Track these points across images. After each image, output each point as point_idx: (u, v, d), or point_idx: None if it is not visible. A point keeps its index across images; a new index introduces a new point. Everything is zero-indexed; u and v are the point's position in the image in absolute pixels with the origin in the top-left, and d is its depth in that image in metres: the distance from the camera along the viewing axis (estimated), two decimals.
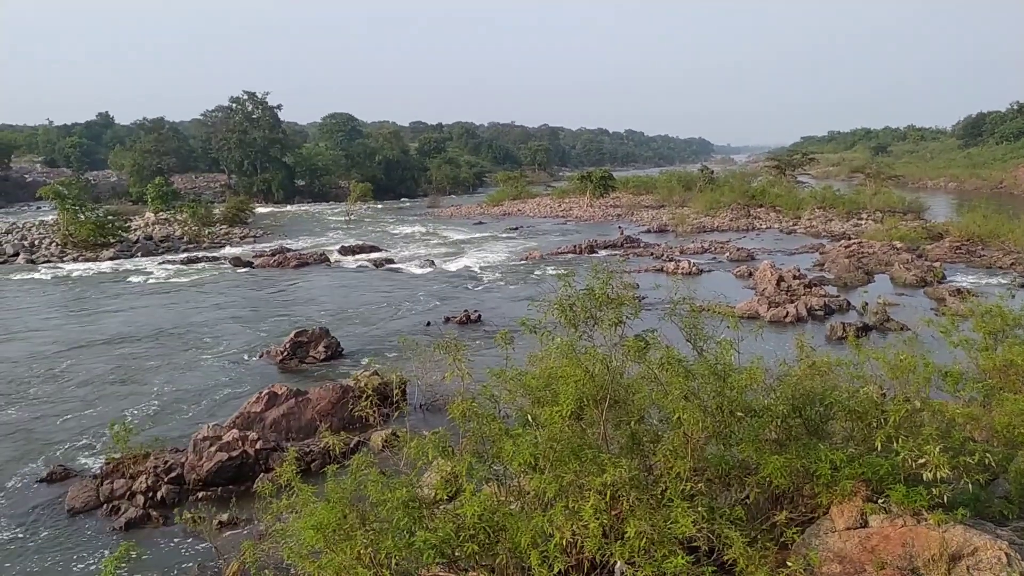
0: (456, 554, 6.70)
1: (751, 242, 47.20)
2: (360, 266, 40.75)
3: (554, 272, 36.47)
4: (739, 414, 7.26)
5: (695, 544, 6.31)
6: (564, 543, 6.31)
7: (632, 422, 7.81)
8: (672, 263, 37.05)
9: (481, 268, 39.57)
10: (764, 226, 55.83)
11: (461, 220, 67.04)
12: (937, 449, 6.51)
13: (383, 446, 13.74)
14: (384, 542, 6.43)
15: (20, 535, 12.40)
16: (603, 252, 43.29)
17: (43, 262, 42.14)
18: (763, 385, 8.15)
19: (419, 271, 39.09)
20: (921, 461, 6.59)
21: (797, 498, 7.43)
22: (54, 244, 46.53)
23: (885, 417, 7.35)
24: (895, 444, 6.85)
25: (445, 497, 7.30)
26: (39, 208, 68.90)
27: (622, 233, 49.73)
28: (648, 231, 54.44)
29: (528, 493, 7.39)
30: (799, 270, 32.08)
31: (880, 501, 6.88)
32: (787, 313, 25.82)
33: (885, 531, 6.69)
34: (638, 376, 8.14)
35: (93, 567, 11.24)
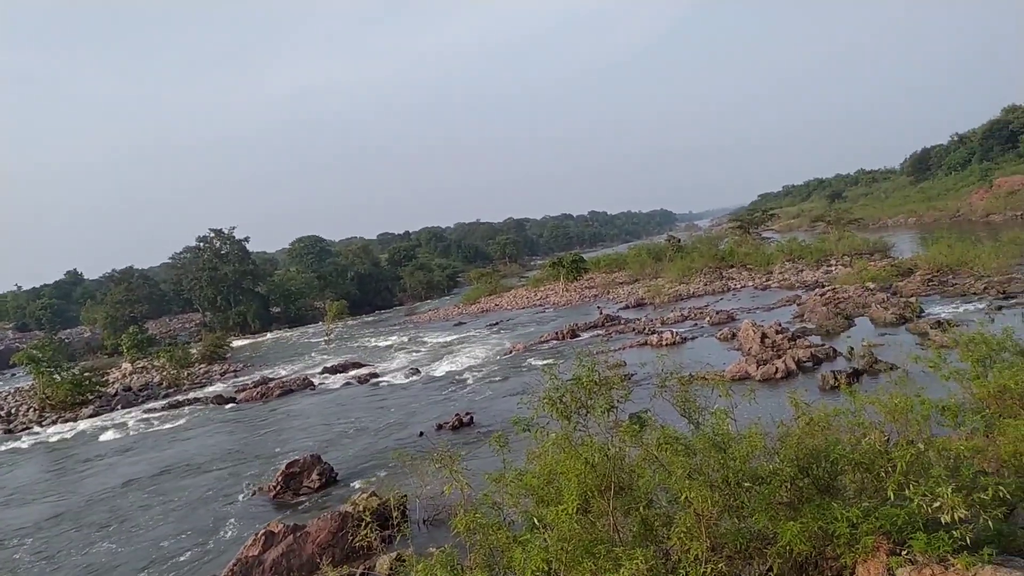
0: None
1: (729, 303, 47.62)
2: (345, 384, 40.28)
3: (540, 363, 36.35)
4: (746, 484, 7.12)
5: None
6: None
7: (640, 507, 7.62)
8: (655, 335, 37.12)
9: (466, 369, 39.29)
10: (739, 285, 56.51)
11: (440, 323, 67.08)
12: (950, 489, 6.40)
13: (389, 573, 13.18)
14: None
15: None
16: (585, 334, 43.33)
17: (21, 429, 41.09)
18: (765, 449, 8.03)
19: (405, 381, 38.70)
20: (936, 505, 6.47)
21: (821, 563, 7.20)
22: (32, 410, 45.58)
23: (893, 464, 7.24)
24: (907, 491, 6.72)
25: None
26: (13, 375, 67.82)
27: (601, 312, 49.97)
28: (626, 307, 54.79)
29: None
30: (780, 324, 32.26)
31: (904, 553, 6.69)
32: (776, 369, 25.78)
33: None
34: (639, 459, 8.00)
35: None
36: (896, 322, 31.63)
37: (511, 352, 42.05)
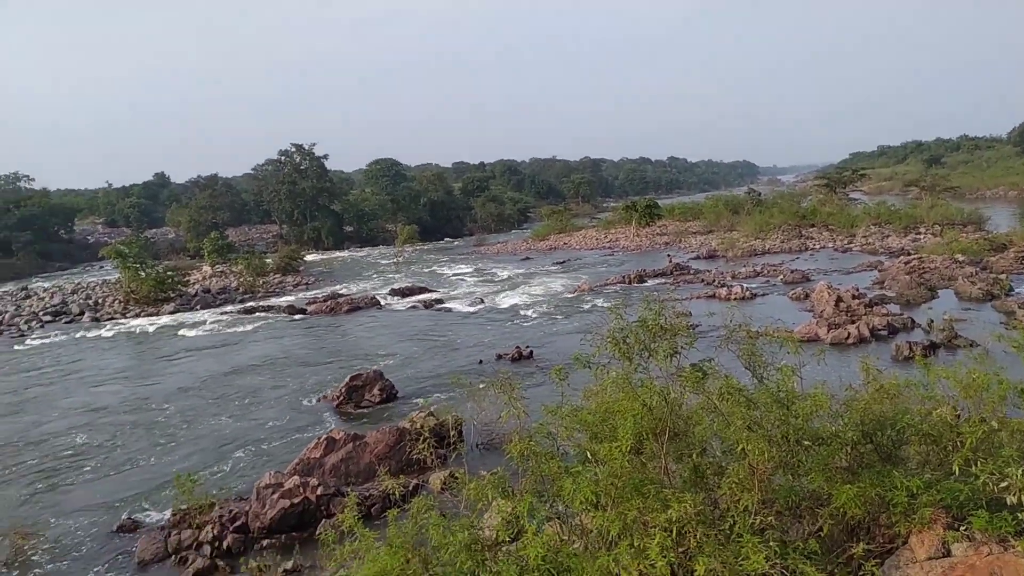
0: None
1: (805, 263, 46.21)
2: (411, 307, 41.17)
3: (604, 304, 36.28)
4: (806, 443, 7.03)
5: None
6: None
7: (694, 455, 7.63)
8: (724, 289, 36.46)
9: (530, 303, 39.58)
10: (817, 246, 54.65)
11: (508, 257, 67.39)
12: (1020, 472, 6.19)
13: (442, 488, 13.70)
14: None
15: None
16: (652, 281, 42.90)
17: (107, 319, 43.68)
18: (829, 411, 7.88)
19: (469, 309, 39.29)
20: (1003, 485, 6.27)
21: (873, 529, 7.12)
22: (117, 301, 48.24)
23: (961, 439, 7.03)
24: (974, 468, 6.53)
25: (507, 539, 7.20)
26: (102, 268, 71.63)
27: (671, 261, 49.25)
28: (697, 257, 53.81)
29: (591, 532, 7.25)
30: (858, 289, 31.20)
31: (962, 529, 6.55)
32: (848, 334, 25.08)
33: (970, 560, 6.35)
34: (697, 407, 7.97)
35: None
36: (982, 298, 30.18)
37: (575, 292, 42.06)
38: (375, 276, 58.64)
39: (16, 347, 36.31)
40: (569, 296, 41.11)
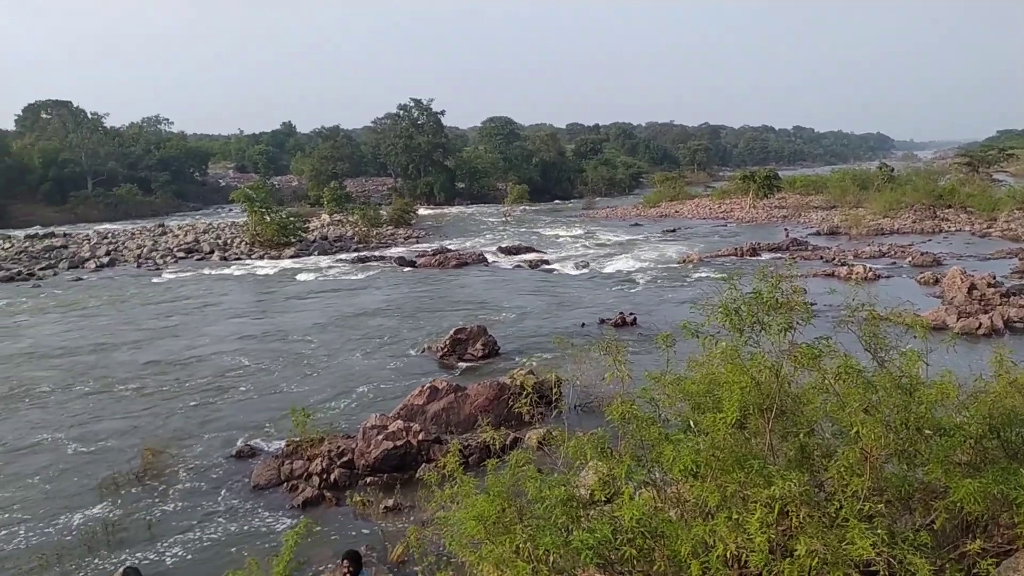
0: (613, 557, 6.64)
1: (937, 246, 43.19)
2: (516, 266, 41.55)
3: (714, 275, 35.33)
4: (927, 432, 6.66)
5: (872, 569, 5.86)
6: (727, 556, 6.08)
7: (801, 434, 7.39)
8: (845, 267, 34.70)
9: (637, 270, 39.09)
10: (952, 229, 50.90)
11: (617, 222, 66.59)
12: None
13: (539, 445, 13.92)
14: (543, 539, 6.48)
15: (213, 505, 13.75)
16: (767, 255, 41.31)
17: (234, 259, 46.54)
18: (954, 402, 7.41)
19: (574, 272, 39.25)
20: None
21: (992, 527, 6.72)
22: (243, 243, 51.29)
23: None
24: None
25: (603, 499, 7.26)
26: (231, 210, 75.95)
27: (788, 235, 47.25)
28: (817, 233, 51.32)
29: (687, 501, 7.20)
30: (995, 277, 28.92)
31: None
32: (980, 324, 23.38)
33: None
34: (809, 386, 7.68)
35: (274, 538, 12.23)
36: None
37: (684, 261, 41.15)
38: (483, 233, 59.41)
39: (154, 280, 39.36)
40: (677, 265, 40.28)
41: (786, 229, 51.63)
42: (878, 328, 7.57)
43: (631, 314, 27.07)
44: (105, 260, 44.65)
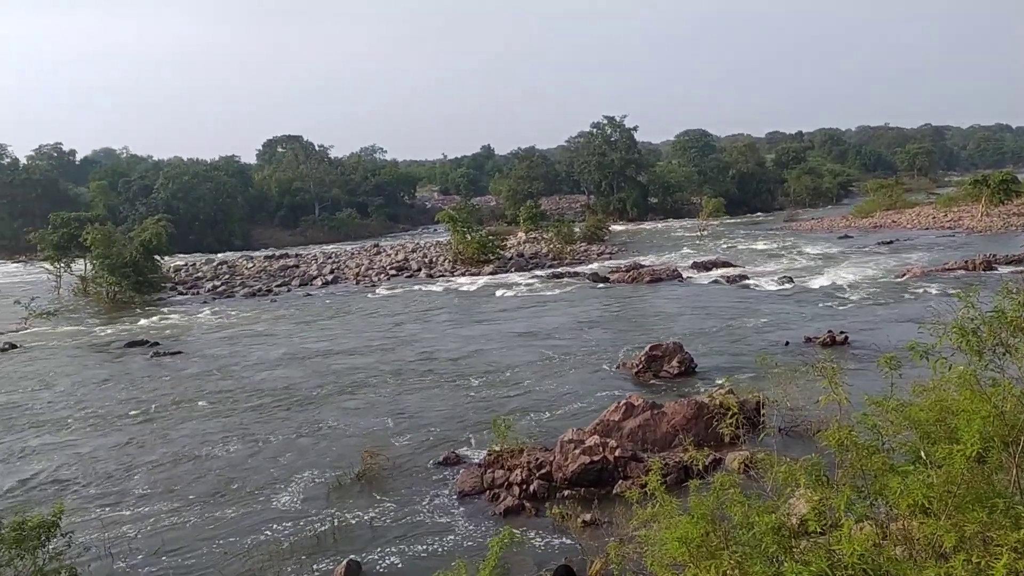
0: None
1: None
2: (713, 282, 40.25)
3: (938, 292, 31.94)
4: None
5: None
6: None
7: None
8: None
9: (846, 286, 36.33)
10: None
11: (823, 234, 62.37)
12: None
13: (742, 468, 13.36)
14: (752, 567, 6.25)
15: (421, 508, 14.65)
16: (1005, 268, 36.64)
17: (439, 276, 49.46)
18: None
19: (775, 288, 37.28)
20: None
21: None
22: (447, 261, 54.40)
23: None
24: None
25: (818, 530, 6.84)
26: (435, 230, 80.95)
27: None
28: None
29: (917, 539, 6.58)
30: None
31: None
32: None
33: None
34: None
35: (477, 544, 12.78)
36: None
37: (903, 275, 37.60)
38: (677, 248, 58.24)
39: (369, 295, 42.90)
40: (895, 281, 36.89)
41: None
42: None
43: (842, 333, 25.20)
44: (330, 278, 49.40)
